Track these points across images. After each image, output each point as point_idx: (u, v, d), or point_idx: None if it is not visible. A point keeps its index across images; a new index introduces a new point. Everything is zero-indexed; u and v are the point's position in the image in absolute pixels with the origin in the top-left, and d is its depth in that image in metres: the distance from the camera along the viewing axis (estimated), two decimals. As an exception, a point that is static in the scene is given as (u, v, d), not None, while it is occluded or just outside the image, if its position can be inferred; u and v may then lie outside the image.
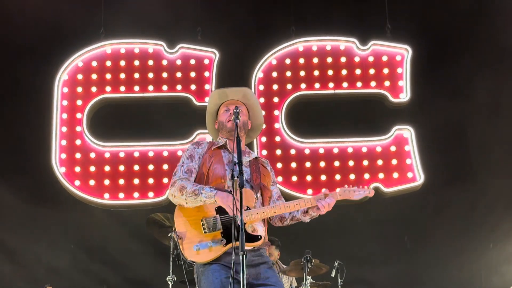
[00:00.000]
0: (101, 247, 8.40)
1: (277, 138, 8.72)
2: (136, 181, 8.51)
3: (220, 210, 4.20)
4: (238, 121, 4.19)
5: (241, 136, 4.28)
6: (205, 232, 4.18)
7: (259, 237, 4.19)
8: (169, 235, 6.79)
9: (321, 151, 8.67)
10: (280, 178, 8.39)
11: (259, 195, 4.35)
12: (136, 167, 8.56)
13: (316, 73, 8.93)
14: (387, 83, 8.86)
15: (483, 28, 8.94)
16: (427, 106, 8.77)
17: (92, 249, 8.39)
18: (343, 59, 8.95)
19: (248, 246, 4.06)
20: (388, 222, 8.45)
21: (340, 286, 7.25)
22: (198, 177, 4.37)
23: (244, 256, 3.69)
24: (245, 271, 3.64)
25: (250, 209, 4.19)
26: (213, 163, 4.36)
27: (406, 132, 8.66)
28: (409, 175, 8.50)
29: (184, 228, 4.23)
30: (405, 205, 8.43)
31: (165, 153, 8.61)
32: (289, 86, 8.89)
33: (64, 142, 8.57)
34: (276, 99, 8.84)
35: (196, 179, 4.37)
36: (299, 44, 9.00)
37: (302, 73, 8.93)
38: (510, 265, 8.39)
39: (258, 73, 8.87)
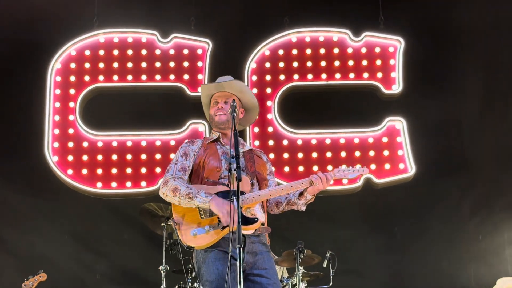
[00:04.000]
0: (94, 236, 8.40)
1: (270, 129, 8.73)
2: (128, 170, 8.51)
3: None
4: (235, 114, 4.22)
5: (229, 128, 4.37)
6: (202, 218, 4.21)
7: (256, 219, 4.17)
8: (162, 224, 6.83)
9: (314, 142, 8.69)
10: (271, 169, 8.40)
11: (254, 181, 4.39)
12: (129, 157, 8.55)
13: (309, 64, 8.93)
14: (379, 75, 8.86)
15: (476, 20, 8.96)
16: (419, 97, 8.78)
17: (84, 238, 8.38)
18: (336, 50, 8.95)
19: (246, 230, 4.10)
20: (379, 213, 8.52)
21: (331, 277, 7.31)
22: (194, 169, 4.42)
23: (242, 249, 3.70)
24: (241, 264, 3.64)
25: (245, 193, 4.23)
26: (208, 155, 4.40)
27: (398, 123, 8.68)
28: (401, 166, 8.54)
29: (181, 214, 4.27)
30: (396, 196, 8.48)
31: (158, 143, 8.61)
32: (282, 77, 8.89)
33: (56, 131, 8.55)
34: (269, 90, 8.85)
35: (192, 172, 4.42)
36: (292, 35, 8.99)
37: (295, 64, 8.93)
38: (499, 256, 8.44)
39: (251, 64, 8.86)
